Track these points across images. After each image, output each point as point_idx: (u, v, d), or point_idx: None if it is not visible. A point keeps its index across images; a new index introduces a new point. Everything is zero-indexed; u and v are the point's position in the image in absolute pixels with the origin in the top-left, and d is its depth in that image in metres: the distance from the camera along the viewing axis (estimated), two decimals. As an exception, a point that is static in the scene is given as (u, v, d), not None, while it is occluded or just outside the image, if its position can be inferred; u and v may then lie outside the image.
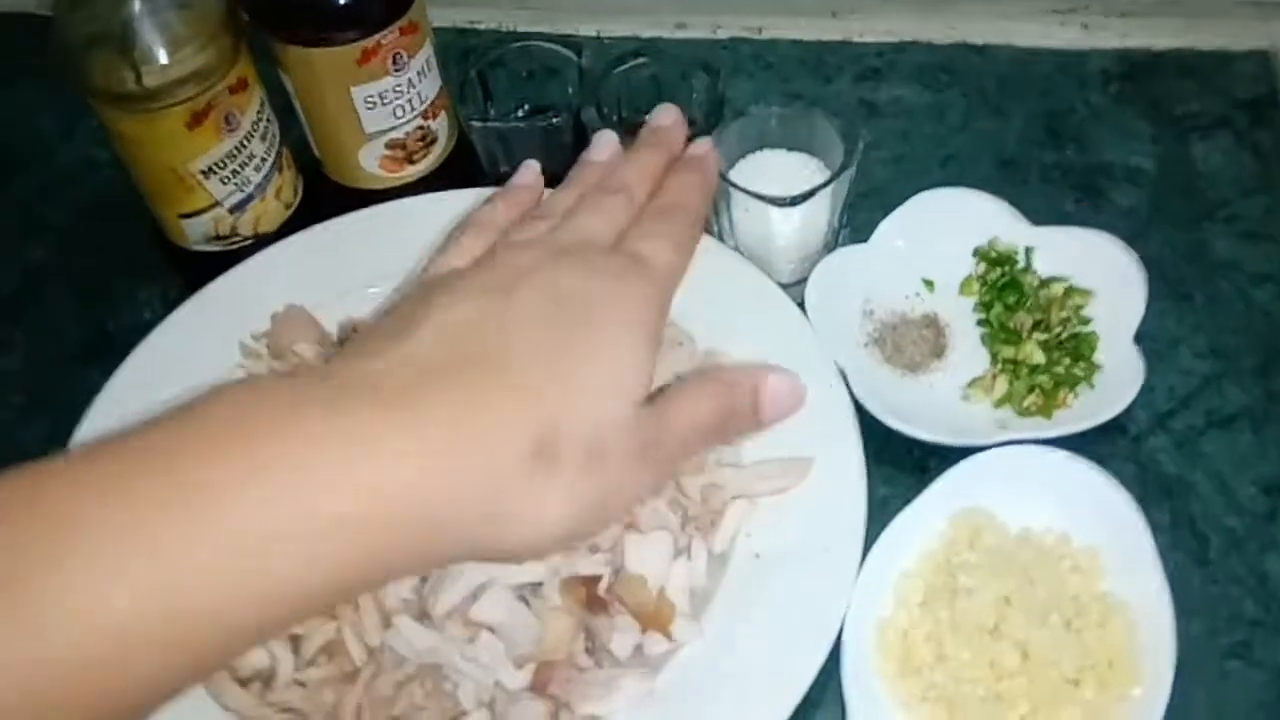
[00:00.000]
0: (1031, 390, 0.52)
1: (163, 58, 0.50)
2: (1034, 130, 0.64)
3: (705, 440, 0.36)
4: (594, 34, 0.72)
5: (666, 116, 0.43)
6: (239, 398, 0.28)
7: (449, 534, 0.28)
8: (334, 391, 0.28)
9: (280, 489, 0.26)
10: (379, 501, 0.27)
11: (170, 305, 0.56)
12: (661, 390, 0.34)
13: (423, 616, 0.44)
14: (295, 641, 0.44)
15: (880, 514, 0.48)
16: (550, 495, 0.30)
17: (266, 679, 0.44)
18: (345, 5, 0.52)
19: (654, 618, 0.45)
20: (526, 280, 0.32)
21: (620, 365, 0.32)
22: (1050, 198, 0.60)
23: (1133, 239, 0.55)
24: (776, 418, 0.37)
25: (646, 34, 0.71)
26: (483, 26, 0.73)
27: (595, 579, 0.45)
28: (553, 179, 0.46)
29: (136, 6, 0.49)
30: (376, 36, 0.53)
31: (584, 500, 0.30)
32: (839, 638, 0.44)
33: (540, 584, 0.45)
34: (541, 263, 0.33)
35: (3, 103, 0.73)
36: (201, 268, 0.58)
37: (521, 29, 0.72)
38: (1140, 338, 0.53)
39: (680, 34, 0.71)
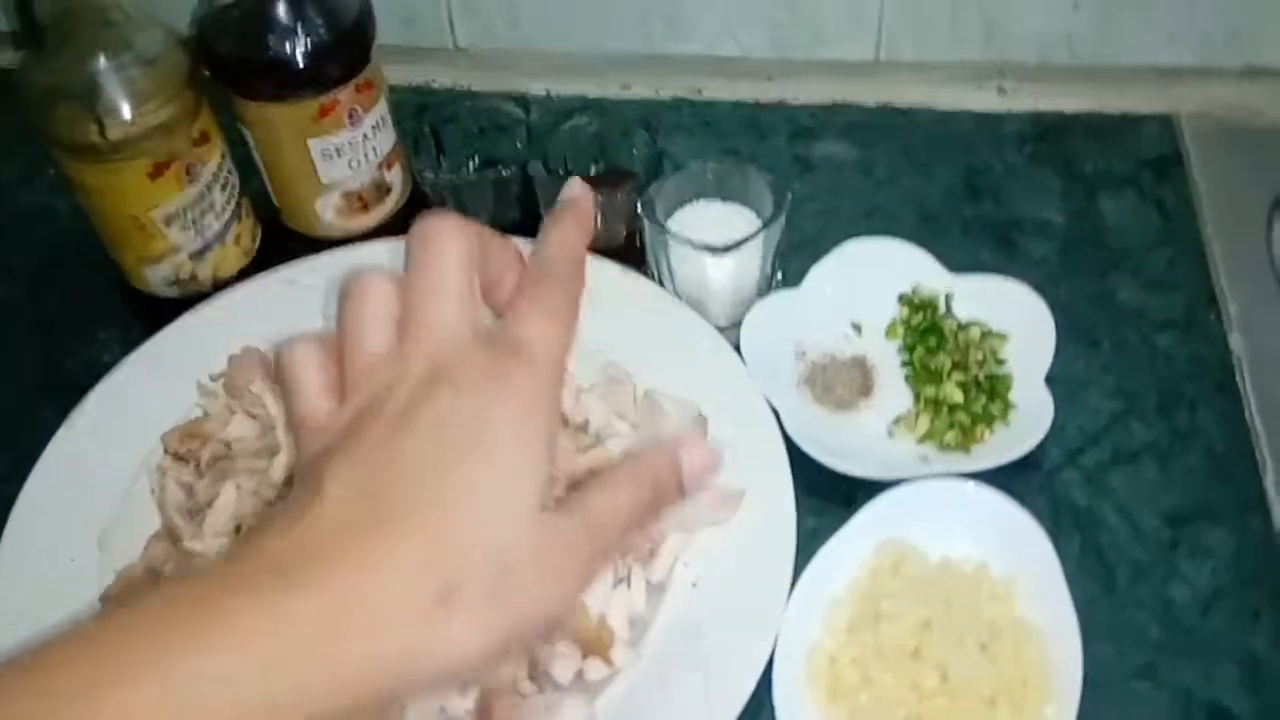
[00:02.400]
0: (951, 427, 0.55)
1: (126, 112, 0.52)
2: (954, 186, 0.68)
3: (632, 526, 0.35)
4: (544, 93, 0.75)
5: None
6: (149, 598, 0.30)
7: (370, 684, 0.29)
8: (236, 577, 0.30)
9: (183, 679, 0.28)
10: (284, 669, 0.28)
11: (130, 347, 0.58)
12: (577, 488, 0.35)
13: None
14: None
15: (810, 544, 0.50)
16: (461, 633, 0.30)
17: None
18: (304, 65, 0.54)
19: (594, 644, 0.47)
20: (410, 418, 0.32)
21: (514, 480, 0.32)
22: (969, 248, 0.64)
23: (1044, 287, 0.59)
24: (699, 489, 0.37)
25: (593, 94, 0.75)
26: (437, 84, 0.76)
27: (539, 606, 0.47)
28: (501, 230, 0.49)
29: (101, 62, 0.52)
30: (333, 93, 0.56)
31: (499, 630, 0.31)
32: (770, 662, 0.47)
33: (486, 612, 0.47)
34: (420, 393, 0.33)
35: (-37, 152, 0.75)
36: (161, 311, 0.60)
37: (476, 87, 0.76)
38: (1052, 379, 0.56)
39: (625, 94, 0.75)
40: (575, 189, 0.39)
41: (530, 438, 0.33)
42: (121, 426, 0.55)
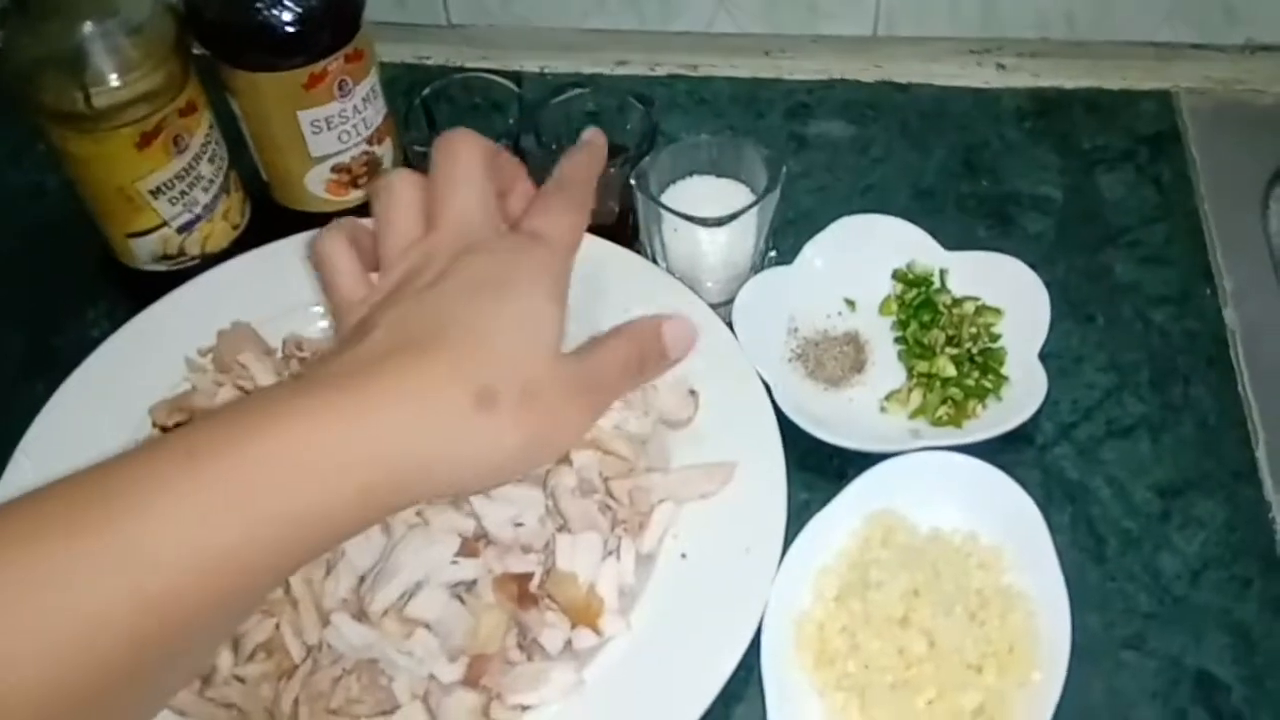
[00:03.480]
0: (944, 402, 0.55)
1: (113, 80, 0.52)
2: (951, 162, 0.68)
3: (627, 378, 0.41)
4: (538, 70, 0.75)
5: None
6: (230, 404, 0.37)
7: (412, 478, 0.34)
8: (304, 385, 0.35)
9: (254, 449, 0.32)
10: (337, 455, 0.33)
11: (118, 323, 0.58)
12: (583, 343, 0.40)
13: (360, 615, 0.46)
14: (234, 639, 0.46)
15: (801, 517, 0.50)
16: (496, 432, 0.35)
17: (206, 676, 0.45)
18: (292, 32, 0.54)
19: (583, 613, 0.47)
20: (446, 276, 0.38)
21: (533, 324, 0.37)
22: (964, 225, 0.64)
23: (1041, 263, 0.59)
24: (681, 354, 0.43)
25: (588, 70, 0.75)
26: (431, 62, 0.76)
27: (527, 576, 0.47)
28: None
29: (88, 28, 0.51)
30: (323, 62, 0.55)
31: (526, 433, 0.36)
32: (759, 632, 0.47)
33: (475, 581, 0.47)
34: (453, 260, 0.39)
35: (-47, 130, 0.75)
36: (149, 287, 0.59)
37: (469, 65, 0.75)
38: (1046, 355, 0.56)
39: (620, 70, 0.75)
40: (592, 134, 0.47)
41: (548, 292, 0.39)
42: (109, 401, 0.55)
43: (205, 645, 0.34)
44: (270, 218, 0.63)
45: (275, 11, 0.53)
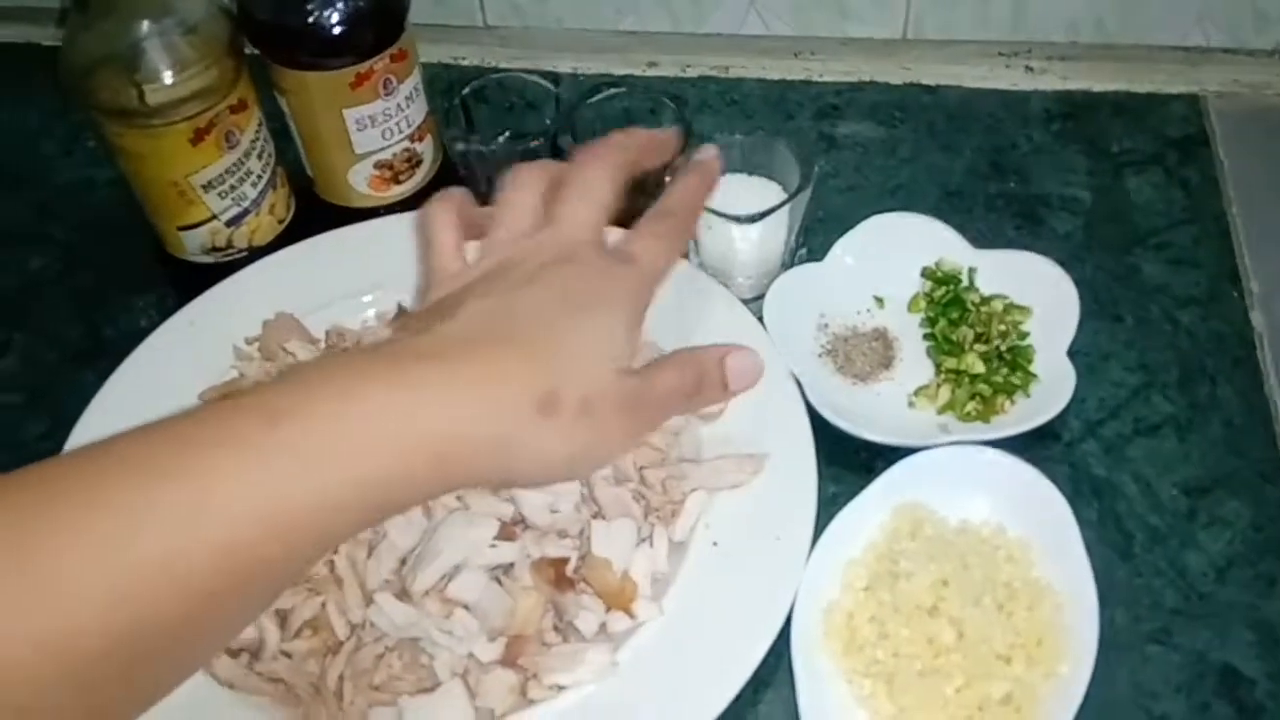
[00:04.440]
0: (972, 398, 0.56)
1: (168, 78, 0.54)
2: (979, 164, 0.69)
3: (679, 405, 0.43)
4: (570, 71, 0.76)
5: (665, 132, 0.50)
6: (309, 363, 0.39)
7: (466, 463, 0.36)
8: (387, 355, 0.37)
9: (334, 415, 0.34)
10: (410, 428, 0.35)
11: (166, 314, 0.60)
12: (647, 365, 0.42)
13: (402, 594, 0.48)
14: (282, 616, 0.47)
15: (829, 510, 0.51)
16: (551, 437, 0.37)
17: (255, 651, 0.47)
18: (340, 33, 0.56)
19: (618, 597, 0.48)
20: (537, 279, 0.40)
21: (606, 343, 0.39)
22: (993, 224, 0.65)
23: (1069, 263, 0.59)
24: (741, 388, 0.44)
25: (620, 71, 0.76)
26: (466, 62, 0.78)
27: (564, 561, 0.48)
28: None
29: (145, 28, 0.53)
30: (369, 62, 0.57)
31: (578, 442, 0.38)
32: (789, 620, 0.48)
33: (512, 565, 0.48)
34: (550, 264, 0.41)
35: (7, 126, 0.77)
36: (197, 279, 0.61)
37: (503, 65, 0.77)
38: (1074, 353, 0.57)
39: (651, 72, 0.76)
40: (708, 152, 0.49)
41: (626, 319, 0.41)
42: (161, 388, 0.56)
43: (261, 601, 0.36)
44: (314, 212, 0.65)
45: (324, 13, 0.55)
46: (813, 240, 0.63)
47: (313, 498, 0.33)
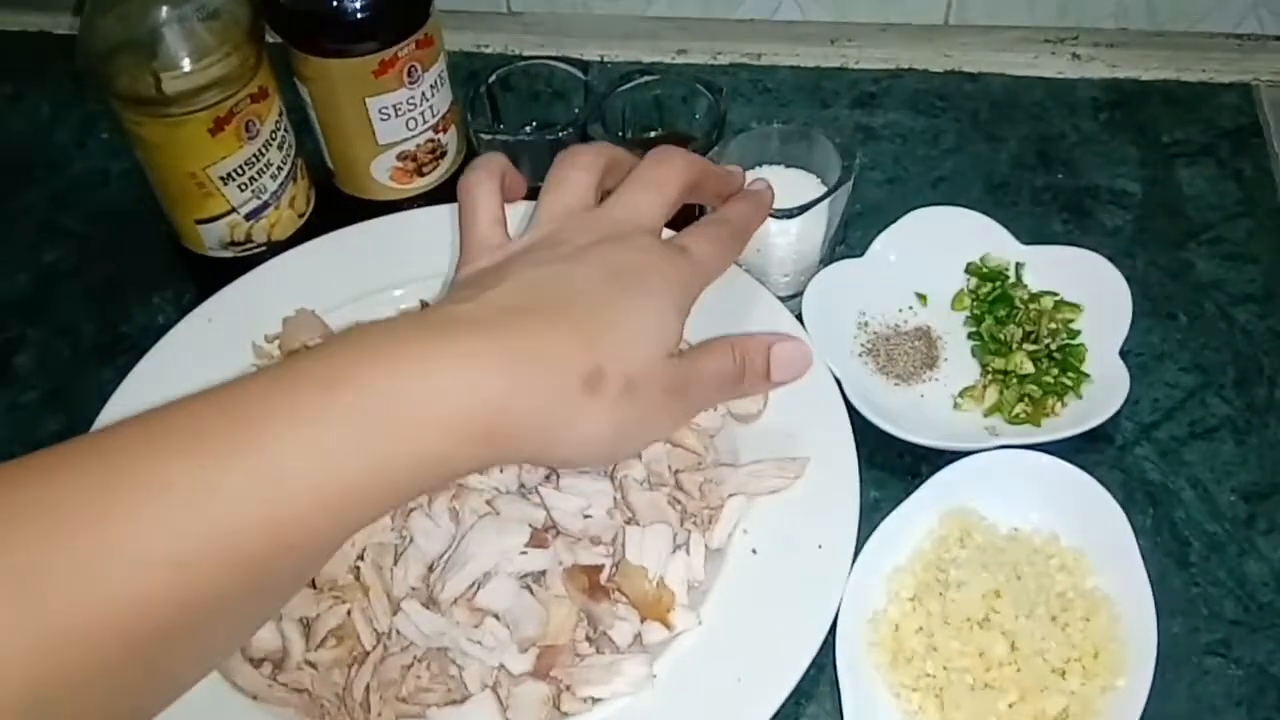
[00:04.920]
0: (1021, 399, 0.54)
1: (187, 65, 0.52)
2: (1025, 154, 0.66)
3: (722, 391, 0.43)
4: (598, 58, 0.74)
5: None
6: (361, 330, 0.37)
7: (512, 436, 0.35)
8: (435, 323, 0.36)
9: (388, 386, 0.33)
10: (463, 400, 0.34)
11: (184, 309, 0.58)
12: (691, 347, 0.42)
13: (430, 603, 0.46)
14: (306, 624, 0.46)
15: (872, 516, 0.49)
16: (594, 415, 0.37)
17: (278, 661, 0.45)
18: (364, 17, 0.54)
19: (653, 606, 0.46)
20: (588, 254, 0.40)
21: (654, 324, 0.39)
22: (1039, 218, 0.63)
23: (1119, 258, 0.57)
24: (785, 378, 0.44)
25: (648, 59, 0.74)
26: (490, 49, 0.76)
27: (597, 569, 0.46)
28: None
29: (164, 14, 0.51)
30: (394, 49, 0.55)
31: (620, 423, 0.37)
32: (832, 630, 0.46)
33: (544, 573, 0.46)
34: (600, 242, 0.40)
35: (19, 115, 0.75)
36: (215, 273, 0.59)
37: (528, 53, 0.75)
38: (1126, 353, 0.54)
39: (681, 59, 0.74)
40: (764, 184, 0.51)
41: (676, 302, 0.40)
42: (177, 388, 0.54)
43: (301, 578, 0.36)
44: (334, 206, 0.63)
45: (349, -4, 0.53)
46: (851, 235, 0.61)
47: (366, 471, 0.33)
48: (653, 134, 0.63)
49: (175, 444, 0.31)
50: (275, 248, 0.60)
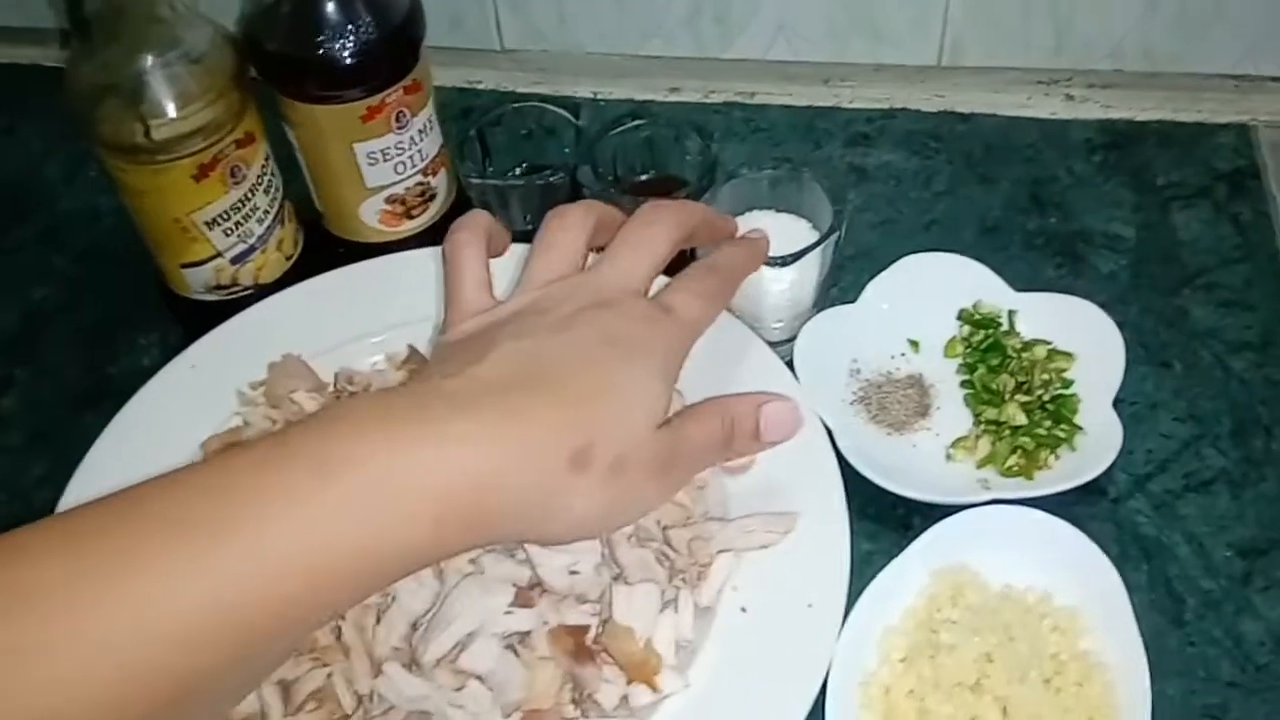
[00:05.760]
0: (1014, 451, 0.53)
1: (172, 111, 0.51)
2: (1018, 197, 0.66)
3: (712, 456, 0.43)
4: (590, 95, 0.74)
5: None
6: (349, 405, 0.37)
7: (501, 517, 0.35)
8: (424, 402, 0.36)
9: (379, 468, 0.33)
10: (452, 484, 0.34)
11: (170, 352, 0.57)
12: (677, 413, 0.41)
13: (412, 664, 0.45)
14: (285, 687, 0.45)
15: (864, 569, 0.48)
16: (583, 494, 0.36)
17: (255, 725, 0.44)
18: (351, 64, 0.53)
19: (640, 669, 0.45)
20: (574, 323, 0.39)
21: (642, 396, 0.38)
22: (1033, 263, 0.62)
23: (1113, 305, 0.57)
24: (776, 439, 0.44)
25: (640, 97, 0.73)
26: (482, 86, 0.75)
27: (583, 629, 0.46)
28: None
29: (149, 61, 0.51)
30: (381, 95, 0.55)
31: (608, 500, 0.37)
32: (823, 691, 0.45)
33: (529, 633, 0.46)
34: (587, 309, 0.40)
35: (9, 149, 0.75)
36: (203, 315, 0.59)
37: (520, 89, 0.74)
38: (1120, 402, 0.54)
39: (673, 97, 0.73)
40: (760, 233, 0.50)
41: (663, 371, 0.40)
42: (161, 436, 0.54)
43: (280, 656, 0.36)
44: (323, 248, 0.62)
45: (335, 44, 0.52)
46: (844, 278, 0.61)
47: (355, 554, 0.33)
48: (643, 177, 0.62)
49: (152, 533, 0.31)
50: (262, 291, 0.60)
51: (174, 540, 0.31)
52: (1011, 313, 0.57)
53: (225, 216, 0.56)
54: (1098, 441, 0.52)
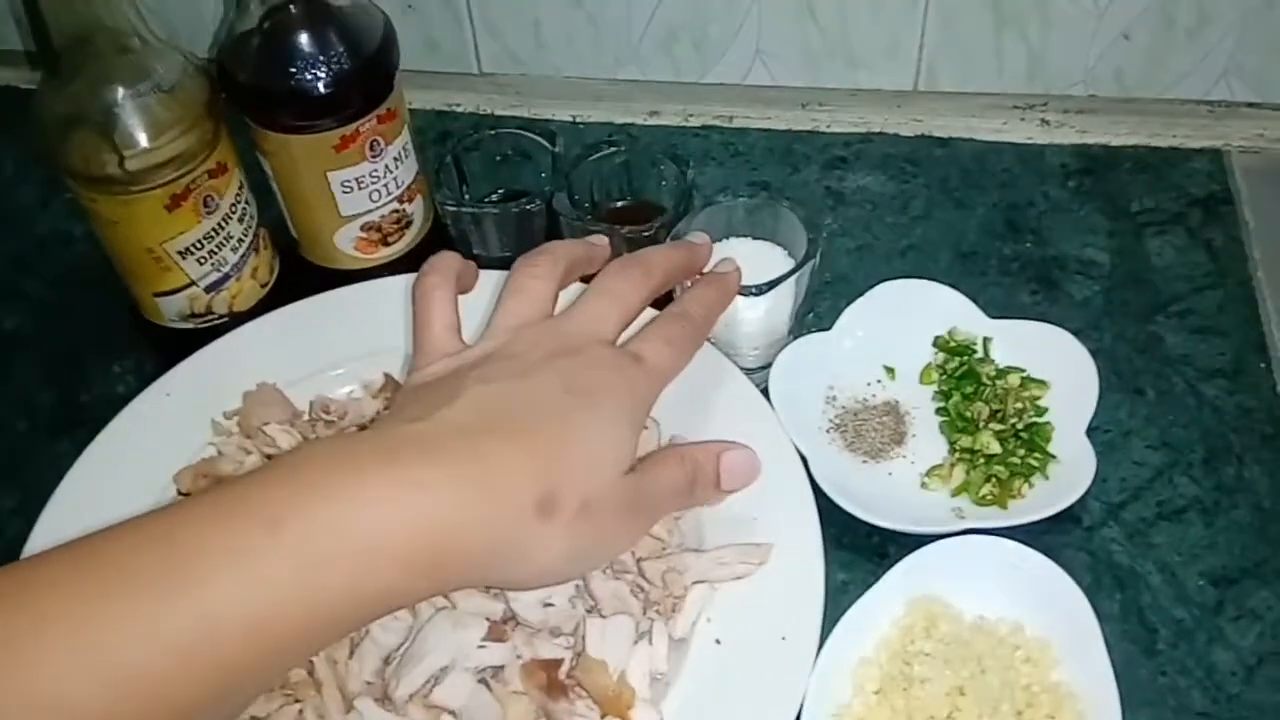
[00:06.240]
0: (988, 480, 0.53)
1: (144, 142, 0.51)
2: (994, 222, 0.66)
3: (675, 502, 0.43)
4: (569, 119, 0.74)
5: (698, 238, 0.51)
6: (309, 452, 0.36)
7: (463, 564, 0.35)
8: (387, 446, 0.36)
9: (336, 520, 0.33)
10: (411, 532, 0.34)
11: (144, 379, 0.57)
12: (641, 459, 0.41)
13: (384, 699, 0.45)
14: (255, 725, 0.45)
15: (839, 599, 0.48)
16: (548, 541, 0.36)
17: (225, 762, 0.44)
18: (324, 95, 0.53)
19: (614, 703, 0.45)
20: (542, 370, 0.39)
21: (608, 443, 0.38)
22: (1008, 289, 0.62)
23: (1087, 331, 0.57)
24: (734, 487, 0.45)
25: (620, 120, 0.73)
26: (460, 109, 0.75)
27: (556, 663, 0.45)
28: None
29: (119, 92, 0.50)
30: (355, 124, 0.54)
31: (575, 546, 0.37)
32: (796, 724, 0.45)
33: (502, 667, 0.45)
34: (555, 356, 0.40)
35: (-16, 173, 0.74)
36: (176, 344, 0.58)
37: (499, 112, 0.74)
38: (1094, 429, 0.54)
39: (653, 121, 0.73)
40: (730, 265, 0.50)
41: (630, 416, 0.40)
42: (134, 466, 0.54)
43: (237, 706, 0.35)
44: (299, 274, 0.62)
45: (308, 75, 0.52)
46: (820, 304, 0.61)
47: (307, 610, 0.32)
48: (620, 204, 0.62)
49: (104, 585, 0.31)
50: (237, 319, 0.59)
51: (126, 595, 0.31)
52: (986, 340, 0.57)
53: (198, 245, 0.56)
54: (1071, 470, 0.53)
